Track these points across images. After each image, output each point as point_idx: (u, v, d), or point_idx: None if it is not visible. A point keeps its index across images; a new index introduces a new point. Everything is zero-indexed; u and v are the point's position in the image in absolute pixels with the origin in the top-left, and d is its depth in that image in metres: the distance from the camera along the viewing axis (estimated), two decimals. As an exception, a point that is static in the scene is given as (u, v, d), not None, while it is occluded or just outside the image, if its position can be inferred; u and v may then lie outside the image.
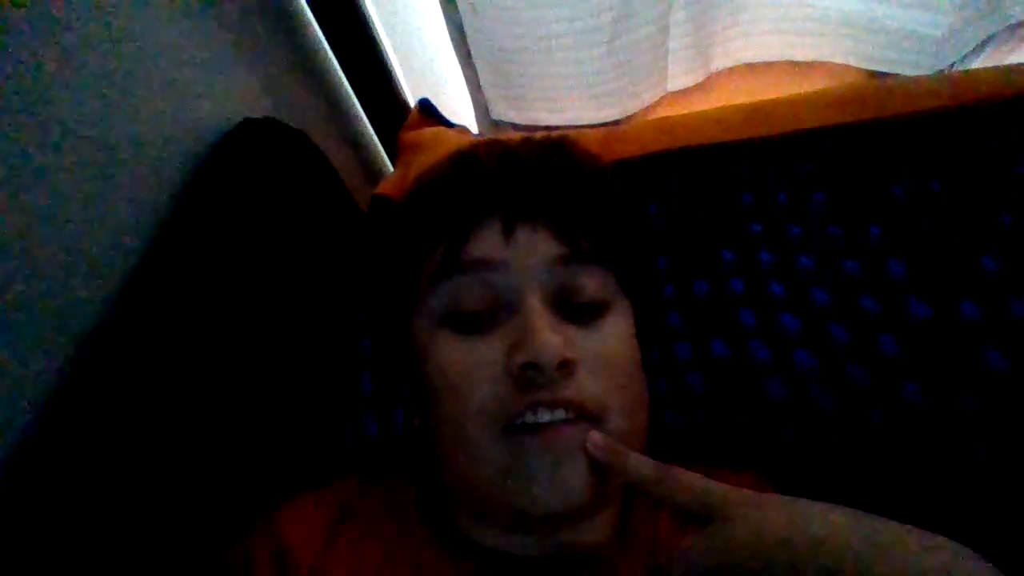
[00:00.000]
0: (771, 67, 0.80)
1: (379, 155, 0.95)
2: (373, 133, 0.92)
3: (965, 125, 0.58)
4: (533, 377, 0.38)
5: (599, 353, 0.41)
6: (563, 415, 0.38)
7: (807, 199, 0.60)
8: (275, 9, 0.74)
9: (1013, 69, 0.62)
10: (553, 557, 0.43)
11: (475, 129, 0.88)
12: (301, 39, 0.79)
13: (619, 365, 0.42)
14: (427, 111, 0.83)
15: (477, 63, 0.81)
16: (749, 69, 0.81)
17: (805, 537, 0.30)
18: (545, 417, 0.38)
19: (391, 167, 0.91)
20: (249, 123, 0.63)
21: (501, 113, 0.85)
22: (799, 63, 0.79)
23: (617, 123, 0.80)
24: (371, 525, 0.46)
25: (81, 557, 0.41)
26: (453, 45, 0.80)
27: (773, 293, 0.57)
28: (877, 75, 0.76)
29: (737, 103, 0.68)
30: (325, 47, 0.81)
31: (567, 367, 0.38)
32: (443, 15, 0.77)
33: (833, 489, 0.38)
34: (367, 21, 0.80)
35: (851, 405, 0.52)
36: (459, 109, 0.89)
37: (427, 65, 0.90)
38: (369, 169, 0.93)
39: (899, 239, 0.56)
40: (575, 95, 0.79)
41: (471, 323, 0.41)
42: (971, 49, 0.73)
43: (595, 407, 0.39)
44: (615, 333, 0.43)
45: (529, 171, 0.45)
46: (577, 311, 0.42)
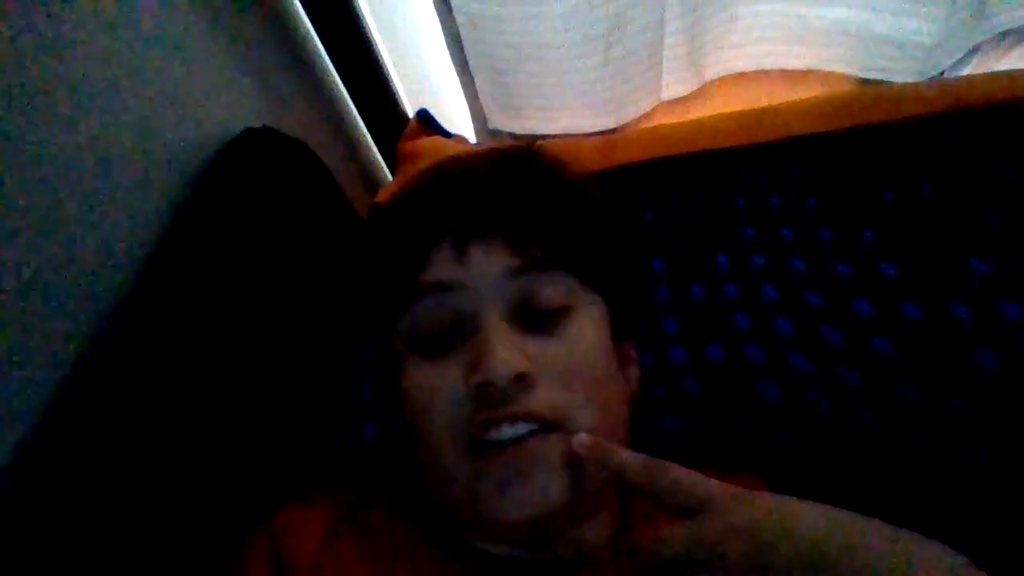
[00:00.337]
0: (764, 76, 0.81)
1: (378, 165, 0.96)
2: (372, 143, 0.93)
3: (954, 130, 0.59)
4: (490, 394, 0.38)
5: (562, 360, 0.41)
6: (525, 428, 0.39)
7: (799, 204, 0.61)
8: (274, 20, 0.76)
9: (1001, 75, 0.63)
10: (552, 561, 0.43)
11: (473, 139, 0.89)
12: (300, 50, 0.80)
13: (584, 369, 0.42)
14: (426, 121, 0.84)
15: (475, 74, 0.82)
16: (743, 78, 0.82)
17: (781, 528, 0.31)
18: (508, 433, 0.39)
19: (390, 176, 0.92)
20: (249, 133, 0.64)
21: (499, 123, 0.86)
22: (792, 71, 0.80)
23: (613, 132, 0.81)
24: (370, 529, 0.46)
25: (82, 559, 0.41)
26: (451, 56, 0.81)
27: (766, 297, 0.57)
28: (869, 83, 0.77)
29: (730, 111, 0.69)
30: (324, 58, 0.82)
31: (523, 380, 0.39)
32: (441, 26, 0.78)
33: (829, 491, 0.38)
34: (366, 32, 0.81)
35: (845, 407, 0.52)
36: (457, 119, 0.90)
37: (425, 76, 0.91)
38: (368, 178, 0.94)
39: (890, 242, 0.56)
40: (571, 104, 0.80)
41: (435, 345, 0.42)
42: (961, 57, 0.75)
43: (556, 416, 0.40)
44: (579, 336, 0.43)
45: (480, 188, 0.46)
46: (539, 319, 0.42)
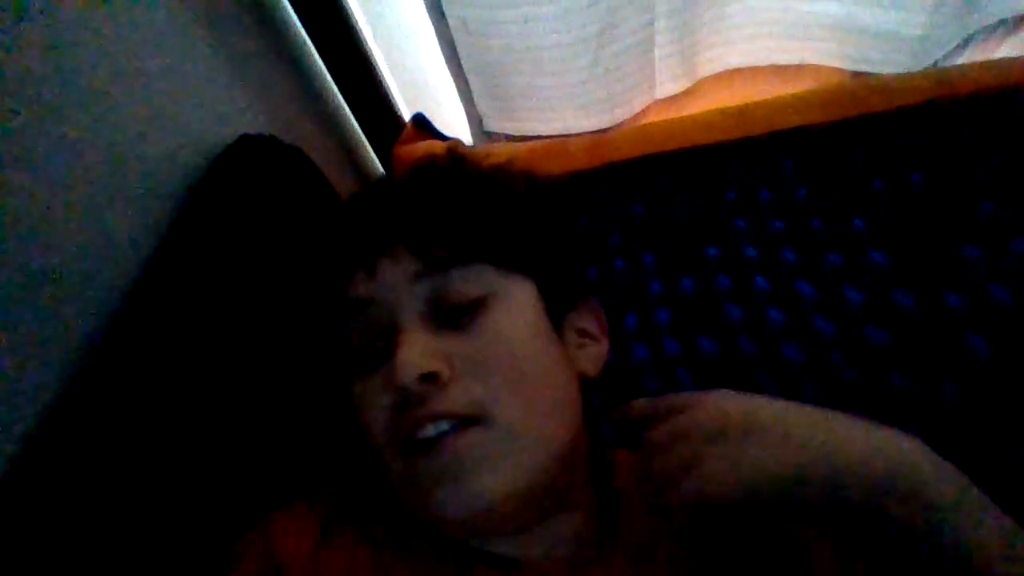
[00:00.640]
0: (757, 72, 0.81)
1: (375, 169, 0.97)
2: (369, 148, 0.94)
3: (944, 119, 0.59)
4: (407, 397, 0.40)
5: (479, 353, 0.42)
6: (446, 426, 0.40)
7: (790, 195, 0.61)
8: (270, 27, 0.77)
9: (989, 64, 0.63)
10: (537, 559, 0.43)
11: (470, 141, 0.90)
12: (296, 56, 0.81)
13: (503, 359, 0.42)
14: (421, 125, 0.85)
15: (469, 77, 0.83)
16: (735, 74, 0.82)
17: (740, 411, 0.37)
18: (431, 431, 0.39)
19: (388, 181, 0.93)
20: (246, 139, 0.64)
21: (494, 125, 0.87)
22: (784, 67, 0.80)
23: (607, 131, 0.81)
24: (363, 530, 0.46)
25: (78, 559, 0.41)
26: (445, 60, 0.82)
27: (758, 287, 0.58)
28: (861, 76, 0.77)
29: (720, 107, 0.70)
30: (319, 64, 0.83)
31: (432, 379, 0.40)
32: (435, 32, 0.79)
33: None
34: (361, 38, 0.82)
35: (839, 396, 0.52)
36: (453, 122, 0.91)
37: (421, 80, 0.92)
38: (365, 183, 0.95)
39: (881, 231, 0.56)
40: (565, 105, 0.81)
41: (369, 359, 0.44)
42: (952, 48, 0.75)
43: (473, 410, 0.40)
44: (497, 326, 0.43)
45: (387, 204, 0.48)
46: (454, 315, 0.43)
